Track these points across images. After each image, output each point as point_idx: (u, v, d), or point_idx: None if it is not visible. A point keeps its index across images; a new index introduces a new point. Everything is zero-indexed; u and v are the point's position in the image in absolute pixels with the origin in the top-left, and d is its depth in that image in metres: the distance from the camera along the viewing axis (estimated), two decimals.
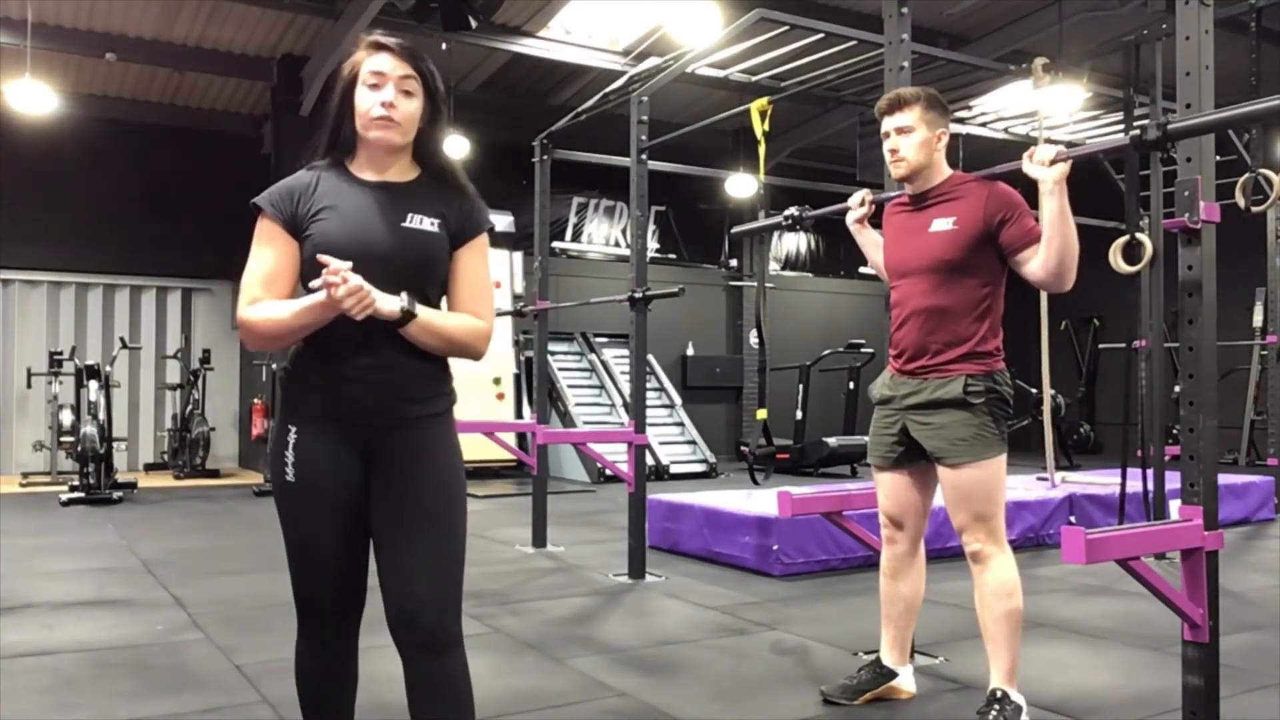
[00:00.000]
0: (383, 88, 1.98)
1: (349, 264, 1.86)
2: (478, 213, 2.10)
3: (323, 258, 1.87)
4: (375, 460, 2.00)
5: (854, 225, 3.36)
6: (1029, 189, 2.78)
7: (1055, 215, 2.69)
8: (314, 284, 1.89)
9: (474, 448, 8.95)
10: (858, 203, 3.32)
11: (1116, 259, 3.33)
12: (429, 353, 2.00)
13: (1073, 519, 6.33)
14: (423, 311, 1.95)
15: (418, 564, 1.97)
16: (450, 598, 2.00)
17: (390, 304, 1.90)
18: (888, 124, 3.01)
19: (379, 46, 2.02)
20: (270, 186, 2.06)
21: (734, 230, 4.42)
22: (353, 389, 1.97)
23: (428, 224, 2.02)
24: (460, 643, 2.02)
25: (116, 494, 8.73)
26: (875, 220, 3.34)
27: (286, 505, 2.04)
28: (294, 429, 2.00)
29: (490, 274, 2.14)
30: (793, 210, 3.77)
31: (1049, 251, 2.74)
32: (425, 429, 2.02)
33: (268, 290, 1.98)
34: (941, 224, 2.94)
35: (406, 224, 2.01)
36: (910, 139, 2.96)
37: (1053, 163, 2.67)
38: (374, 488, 2.01)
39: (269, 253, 2.00)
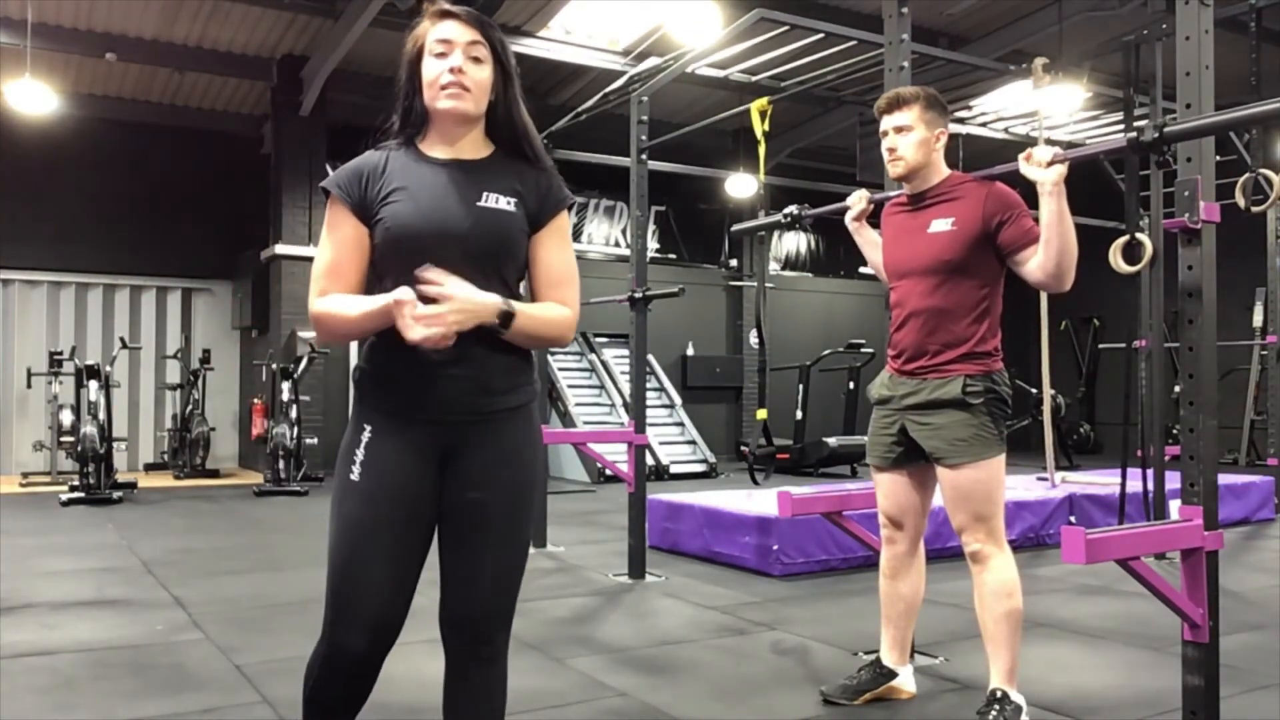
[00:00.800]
0: (450, 55, 1.89)
1: (442, 282, 1.76)
2: (556, 189, 1.99)
3: (421, 272, 1.77)
4: (453, 459, 1.90)
5: (852, 224, 3.36)
6: (1029, 190, 2.78)
7: (1054, 216, 2.69)
8: (389, 301, 1.78)
9: None
10: (856, 202, 3.33)
11: (1116, 259, 3.32)
12: (508, 344, 1.89)
13: (1073, 519, 6.33)
14: (518, 309, 1.84)
15: (483, 572, 1.91)
16: (508, 608, 1.96)
17: (488, 312, 1.80)
18: (886, 123, 3.01)
19: (445, 14, 1.91)
20: (339, 168, 1.97)
21: (733, 228, 4.42)
22: (433, 385, 1.86)
23: (504, 203, 1.91)
24: (506, 651, 1.98)
25: (116, 494, 8.73)
26: (874, 220, 3.34)
27: (345, 507, 1.90)
28: (369, 428, 1.90)
29: (573, 255, 2.02)
30: (792, 209, 3.78)
31: (1048, 253, 2.74)
32: (506, 424, 1.92)
33: (333, 282, 1.89)
34: (940, 224, 2.94)
35: (482, 203, 1.90)
36: (909, 138, 2.96)
37: (1050, 164, 2.67)
38: (448, 488, 1.91)
39: (337, 240, 1.91)
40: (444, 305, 1.75)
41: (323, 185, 1.96)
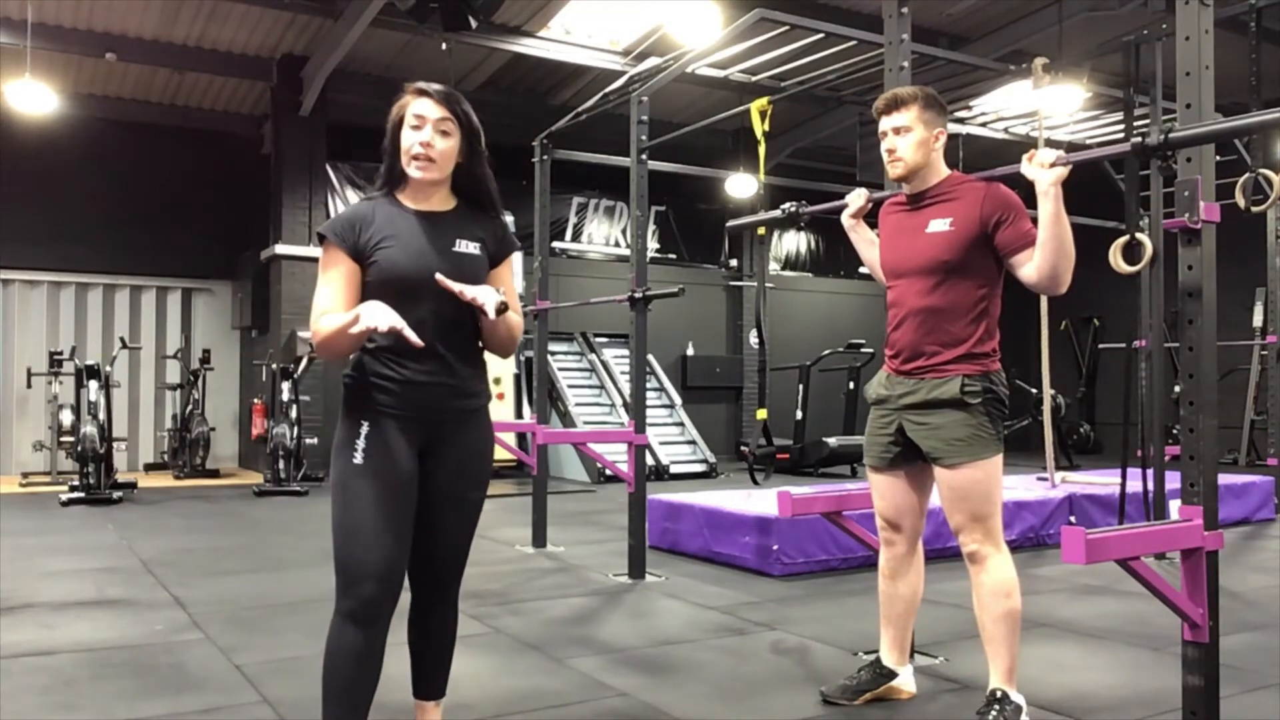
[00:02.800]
0: (422, 129, 2.31)
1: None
2: (509, 236, 2.51)
3: (409, 335, 2.18)
4: (430, 446, 2.36)
5: (848, 221, 3.35)
6: (1029, 192, 2.77)
7: (1051, 218, 2.69)
8: (347, 317, 2.20)
9: None
10: (855, 199, 3.32)
11: (1116, 259, 3.32)
12: (473, 358, 2.41)
13: (1073, 519, 6.33)
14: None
15: (447, 536, 2.42)
16: (462, 562, 2.49)
17: (493, 298, 2.24)
18: (885, 123, 3.01)
19: (420, 93, 2.34)
20: (332, 218, 2.43)
21: (728, 224, 4.41)
22: (418, 389, 2.31)
23: (472, 248, 2.39)
24: (456, 596, 2.52)
25: (116, 494, 8.73)
26: (871, 218, 3.34)
27: (352, 486, 2.28)
28: (365, 424, 2.31)
29: (514, 283, 2.52)
30: (790, 205, 3.78)
31: (1044, 254, 2.74)
32: (472, 420, 2.42)
33: (336, 310, 2.28)
34: (938, 224, 2.93)
35: (456, 249, 2.35)
36: (907, 139, 2.96)
37: (1053, 166, 2.67)
38: (426, 468, 2.36)
39: (335, 280, 2.31)
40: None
41: (319, 232, 2.35)
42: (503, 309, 2.26)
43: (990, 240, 2.87)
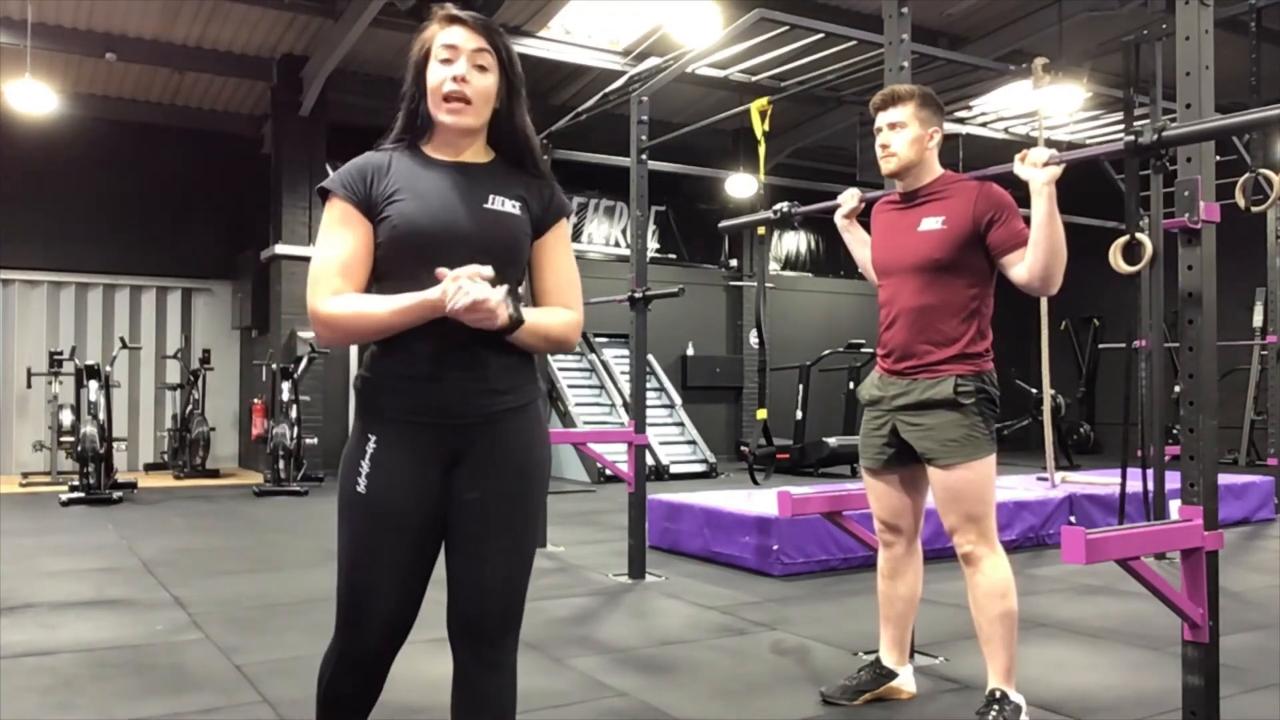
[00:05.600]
0: (455, 62, 1.88)
1: (472, 270, 1.75)
2: (558, 197, 2.01)
3: (440, 271, 1.75)
4: (459, 463, 1.90)
5: (842, 221, 3.35)
6: (1024, 193, 2.77)
7: (1044, 217, 2.69)
8: (433, 295, 1.75)
9: None
10: (847, 199, 3.32)
11: (1116, 259, 3.33)
12: (509, 344, 1.88)
13: (1073, 519, 6.32)
14: (527, 314, 1.85)
15: (491, 574, 1.90)
16: (515, 611, 1.94)
17: (500, 316, 1.79)
18: (881, 119, 3.01)
19: (452, 19, 1.90)
20: (339, 168, 1.94)
21: (721, 225, 4.41)
22: (438, 388, 1.86)
23: (509, 205, 1.92)
24: (515, 657, 1.96)
25: (116, 494, 8.73)
26: (864, 219, 3.34)
27: (353, 517, 1.90)
28: (374, 437, 1.88)
29: (574, 261, 2.04)
30: (782, 205, 3.77)
31: (1036, 254, 2.74)
32: (511, 423, 1.92)
33: (347, 280, 1.85)
34: (930, 223, 2.93)
35: (488, 205, 1.90)
36: (902, 135, 2.96)
37: (1046, 165, 2.67)
38: (456, 490, 1.90)
39: (346, 238, 1.87)
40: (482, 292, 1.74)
41: (323, 186, 1.92)
42: (516, 322, 1.80)
43: (982, 239, 2.86)
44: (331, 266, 1.86)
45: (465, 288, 1.73)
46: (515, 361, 1.93)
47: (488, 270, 1.76)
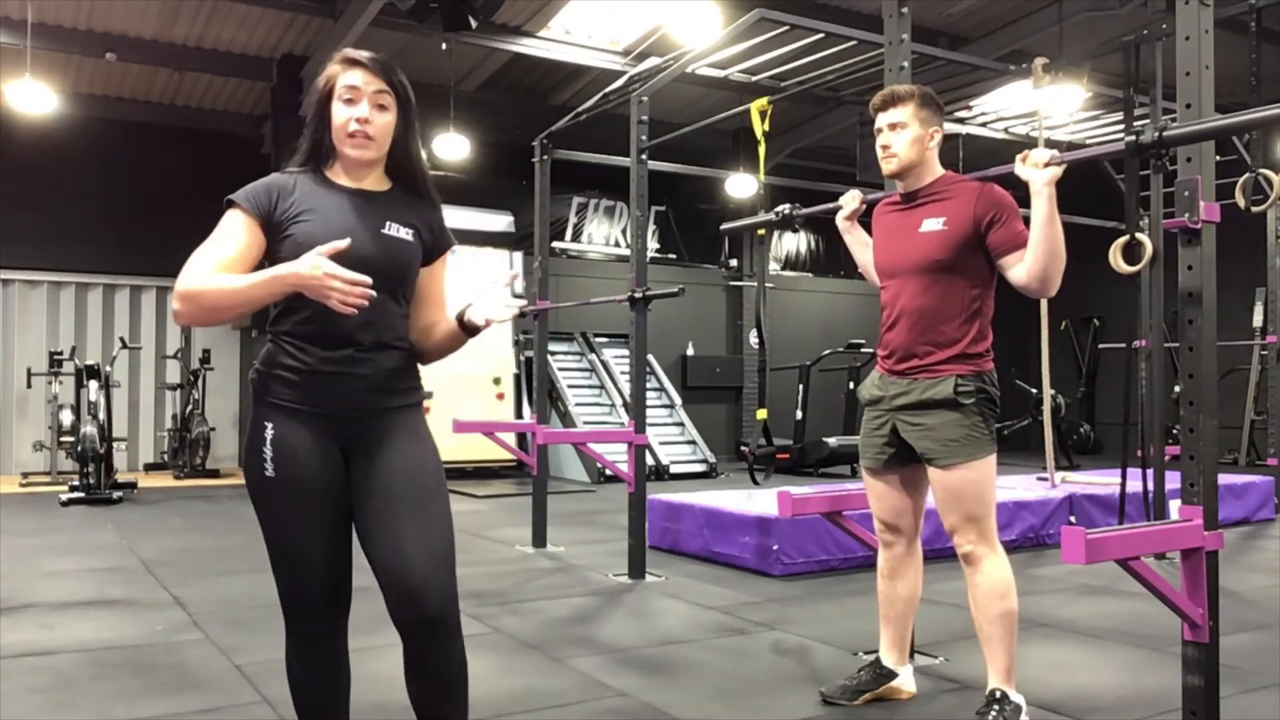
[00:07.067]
0: (358, 103, 2.05)
1: (351, 275, 1.87)
2: (446, 231, 2.22)
3: (323, 249, 1.88)
4: (356, 448, 2.06)
5: (843, 224, 3.35)
6: (1024, 192, 2.77)
7: (1044, 218, 2.69)
8: (292, 269, 1.89)
9: (474, 448, 8.99)
10: (848, 201, 3.32)
11: (1116, 259, 3.32)
12: (397, 351, 2.09)
13: (1073, 519, 6.32)
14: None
15: (412, 540, 1.99)
16: (449, 582, 2.03)
17: (507, 312, 2.07)
18: (881, 119, 3.01)
19: (353, 62, 2.07)
20: (247, 185, 2.09)
21: (723, 227, 4.41)
22: (334, 381, 2.02)
23: (404, 233, 2.10)
24: (461, 633, 2.06)
25: (116, 494, 8.73)
26: (865, 220, 3.34)
27: (267, 502, 2.06)
28: (269, 424, 2.02)
29: (446, 281, 2.27)
30: (783, 207, 3.78)
31: (1035, 255, 2.74)
32: (403, 418, 2.09)
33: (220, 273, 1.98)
34: (931, 224, 2.93)
35: (385, 231, 2.07)
36: (902, 135, 2.96)
37: (1047, 165, 2.67)
38: (356, 472, 2.05)
39: (232, 243, 2.00)
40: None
41: (229, 198, 2.05)
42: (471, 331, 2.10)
43: (983, 240, 2.86)
44: (208, 261, 1.97)
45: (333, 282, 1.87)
46: (407, 363, 2.12)
47: (367, 280, 1.88)
